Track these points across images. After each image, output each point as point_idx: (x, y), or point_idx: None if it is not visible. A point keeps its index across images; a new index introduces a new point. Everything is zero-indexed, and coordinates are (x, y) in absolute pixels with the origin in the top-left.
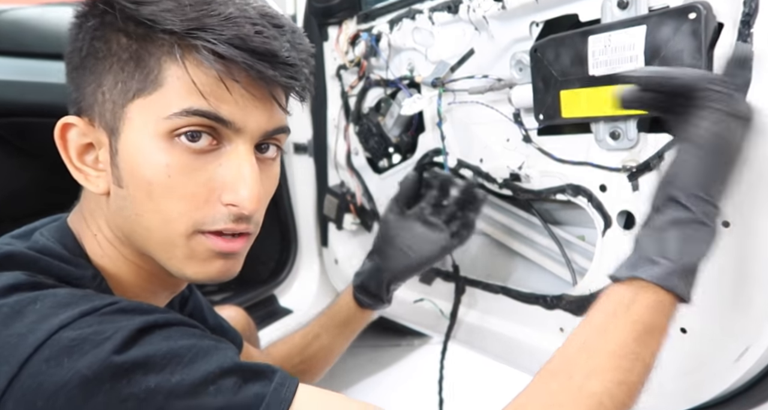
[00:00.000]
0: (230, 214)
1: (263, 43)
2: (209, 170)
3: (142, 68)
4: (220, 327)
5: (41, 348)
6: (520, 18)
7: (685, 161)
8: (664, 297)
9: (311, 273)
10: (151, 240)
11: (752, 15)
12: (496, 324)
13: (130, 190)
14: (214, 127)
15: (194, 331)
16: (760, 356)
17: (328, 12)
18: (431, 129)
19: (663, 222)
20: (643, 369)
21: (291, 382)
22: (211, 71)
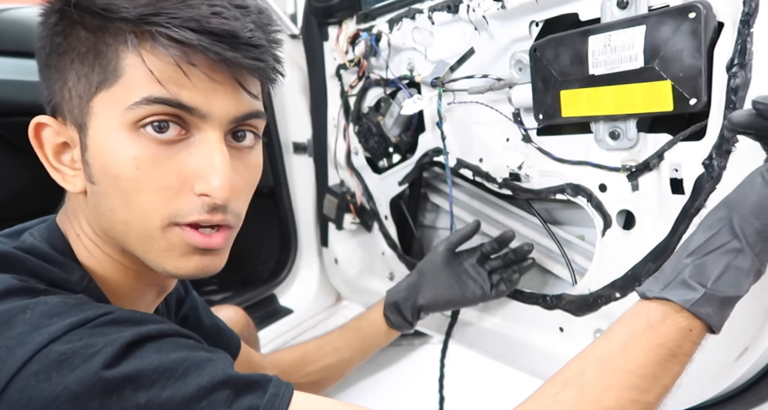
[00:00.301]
0: (204, 205)
1: (221, 24)
2: (179, 160)
3: (101, 60)
4: (216, 328)
5: (30, 363)
6: (520, 17)
7: (759, 193)
8: (695, 324)
9: (311, 273)
10: (128, 235)
11: (752, 14)
12: (496, 324)
13: (102, 185)
14: (179, 116)
15: (187, 342)
16: (760, 356)
17: (327, 11)
18: (431, 128)
19: (708, 247)
20: (662, 391)
21: (286, 391)
22: (168, 57)
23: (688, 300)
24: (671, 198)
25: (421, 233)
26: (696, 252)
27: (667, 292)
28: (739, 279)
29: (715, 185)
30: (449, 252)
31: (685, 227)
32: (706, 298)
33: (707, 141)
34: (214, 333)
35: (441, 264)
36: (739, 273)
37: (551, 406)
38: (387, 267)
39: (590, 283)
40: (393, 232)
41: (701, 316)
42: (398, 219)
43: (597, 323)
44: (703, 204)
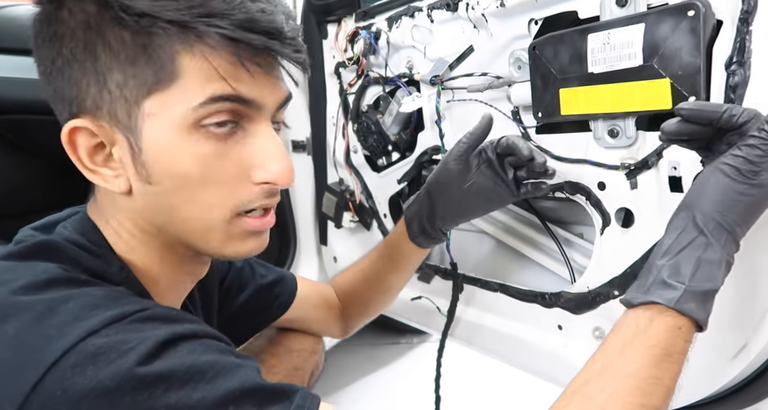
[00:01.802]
0: (263, 192)
1: (270, 22)
2: (236, 152)
3: (153, 62)
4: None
5: (68, 354)
6: (519, 15)
7: (714, 189)
8: (683, 322)
9: (310, 272)
10: (188, 229)
11: (751, 12)
12: (495, 322)
13: (164, 184)
14: (237, 111)
15: (218, 345)
16: (758, 353)
17: (326, 9)
18: (430, 127)
19: (678, 246)
20: (665, 393)
21: (312, 402)
22: (224, 55)
23: (671, 299)
24: (670, 196)
25: None
26: (668, 252)
27: (650, 295)
28: (713, 272)
29: None
30: (461, 160)
31: None
32: (687, 295)
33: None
34: (264, 290)
35: (454, 174)
36: (712, 267)
37: None
38: None
39: (589, 281)
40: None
41: (686, 312)
42: (397, 218)
43: (595, 321)
44: None
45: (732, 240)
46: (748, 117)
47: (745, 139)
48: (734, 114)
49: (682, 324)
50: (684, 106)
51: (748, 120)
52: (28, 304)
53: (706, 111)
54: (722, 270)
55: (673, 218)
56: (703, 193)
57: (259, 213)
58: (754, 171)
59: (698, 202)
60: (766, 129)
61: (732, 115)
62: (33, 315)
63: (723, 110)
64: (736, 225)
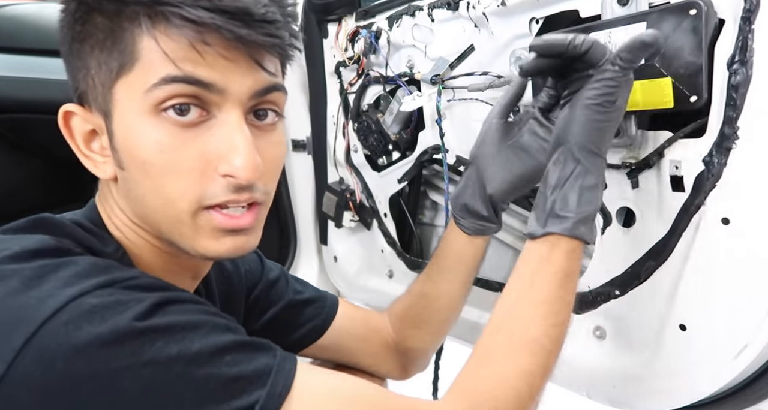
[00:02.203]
0: (229, 185)
1: (233, 2)
2: (202, 142)
3: (118, 45)
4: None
5: (61, 311)
6: (520, 14)
7: (582, 122)
8: (575, 245)
9: (310, 271)
10: (159, 219)
11: (753, 11)
12: None
13: (131, 171)
14: (198, 96)
15: (207, 309)
16: (759, 353)
17: (327, 9)
18: (430, 126)
19: (562, 178)
20: (568, 307)
21: (291, 357)
22: (182, 37)
23: (566, 228)
24: (671, 195)
25: (420, 231)
26: (556, 186)
27: (548, 227)
28: (593, 196)
29: (715, 182)
30: (502, 122)
31: (685, 224)
32: (576, 222)
33: (707, 138)
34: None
35: (497, 138)
36: (592, 191)
37: (492, 352)
38: (386, 264)
39: (589, 281)
40: (392, 230)
41: (578, 236)
42: (397, 217)
43: (596, 320)
44: (704, 201)
45: (602, 160)
46: (588, 45)
47: (601, 72)
48: (576, 43)
49: (575, 246)
50: (535, 41)
51: (590, 47)
52: (16, 270)
53: (554, 43)
54: (599, 191)
55: (551, 153)
56: (573, 127)
57: (236, 211)
58: (611, 100)
59: (570, 136)
60: (618, 63)
61: (575, 45)
62: (20, 280)
63: (567, 41)
64: (603, 147)
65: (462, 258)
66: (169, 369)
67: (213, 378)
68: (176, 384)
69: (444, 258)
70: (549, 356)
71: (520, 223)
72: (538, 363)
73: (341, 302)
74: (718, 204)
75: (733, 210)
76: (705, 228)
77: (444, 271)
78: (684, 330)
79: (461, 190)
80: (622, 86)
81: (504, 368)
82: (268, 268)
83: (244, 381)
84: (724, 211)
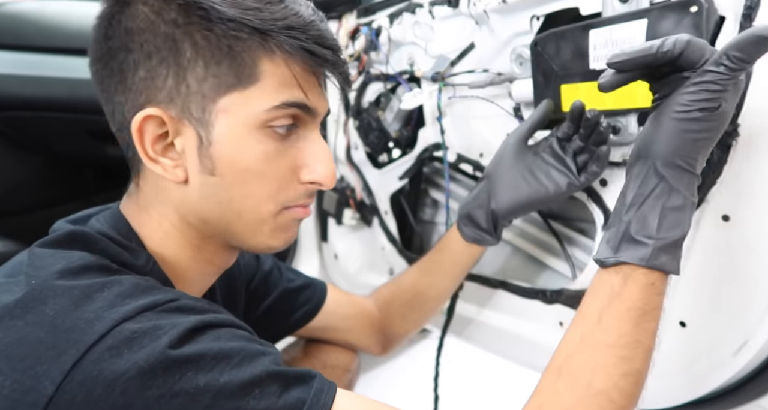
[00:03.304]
0: (307, 191)
1: (333, 41)
2: (290, 153)
3: (237, 64)
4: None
5: (105, 337)
6: (521, 12)
7: (671, 133)
8: (655, 277)
9: (311, 268)
10: (238, 222)
11: (754, 8)
12: (495, 319)
13: (225, 177)
14: (298, 116)
15: (243, 334)
16: (759, 349)
17: (327, 6)
18: (431, 123)
19: (640, 196)
20: (645, 353)
21: (330, 387)
22: (298, 65)
23: (642, 258)
24: None
25: (421, 228)
26: (632, 205)
27: (621, 255)
28: (679, 219)
29: (715, 179)
30: (520, 145)
31: None
32: (657, 249)
33: None
34: (290, 295)
35: (512, 159)
36: (677, 213)
37: (552, 399)
38: (387, 262)
39: (590, 278)
40: (393, 227)
41: (658, 267)
42: (398, 215)
43: None
44: (704, 198)
45: (694, 177)
46: (682, 45)
47: (701, 74)
48: (667, 48)
49: (655, 279)
50: (613, 57)
51: (683, 48)
52: (66, 289)
53: (638, 55)
54: (688, 213)
55: (631, 167)
56: (659, 137)
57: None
58: (712, 107)
59: (655, 147)
60: (726, 63)
61: (665, 51)
62: (71, 299)
63: (655, 48)
64: (697, 163)
65: (457, 260)
66: (197, 401)
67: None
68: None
69: (440, 257)
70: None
71: (520, 221)
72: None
73: (330, 287)
74: (718, 201)
75: (733, 207)
76: (705, 225)
77: (438, 269)
78: (684, 327)
79: (470, 199)
80: (729, 90)
81: None
82: (262, 260)
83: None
84: (725, 208)
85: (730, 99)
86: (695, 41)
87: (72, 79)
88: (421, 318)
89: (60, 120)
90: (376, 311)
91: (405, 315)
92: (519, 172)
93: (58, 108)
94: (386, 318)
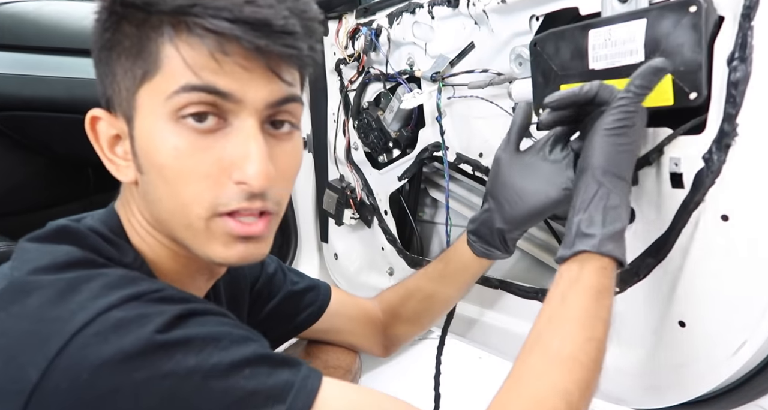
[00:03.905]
0: (242, 192)
1: (254, 13)
2: (217, 149)
3: (143, 53)
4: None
5: (90, 324)
6: (520, 12)
7: (602, 149)
8: (605, 262)
9: (311, 268)
10: (173, 223)
11: (753, 8)
12: (496, 319)
13: (149, 175)
14: (216, 104)
15: (228, 321)
16: (757, 350)
17: (327, 6)
18: (431, 123)
19: (585, 201)
20: (604, 325)
21: (316, 373)
22: (202, 47)
23: (593, 245)
24: (671, 192)
25: (421, 228)
26: (580, 209)
27: (575, 247)
28: (618, 215)
29: (714, 179)
30: (512, 156)
31: (684, 221)
32: (603, 239)
33: (707, 135)
34: (295, 297)
35: (507, 172)
36: (616, 210)
37: (528, 371)
38: (387, 262)
39: None
40: (393, 227)
41: (606, 253)
42: (398, 215)
43: None
44: (703, 198)
45: (625, 182)
46: (596, 87)
47: (617, 100)
48: (586, 89)
49: (606, 264)
50: (547, 99)
51: (597, 89)
52: (52, 282)
53: (565, 96)
54: (624, 210)
55: (577, 181)
56: (594, 152)
57: (249, 219)
58: (629, 125)
59: (592, 162)
60: (632, 90)
61: (585, 91)
62: (55, 291)
63: (577, 90)
64: (626, 171)
65: (467, 271)
66: (187, 382)
67: (230, 391)
68: (193, 396)
69: (449, 266)
70: (587, 372)
71: None
72: (576, 380)
73: (333, 289)
74: (717, 201)
75: (732, 207)
76: (704, 225)
77: (446, 279)
78: (683, 327)
79: (477, 216)
80: (638, 112)
81: (539, 387)
82: (266, 262)
83: (262, 395)
84: (724, 208)
85: (639, 120)
86: (604, 85)
87: (71, 78)
88: (426, 323)
89: (60, 120)
90: (380, 314)
91: (410, 320)
92: (516, 186)
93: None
94: (390, 322)
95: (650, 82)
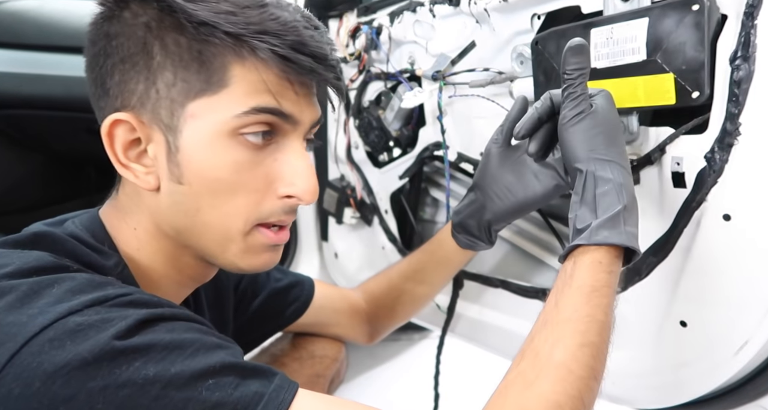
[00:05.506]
0: (285, 206)
1: (318, 48)
2: (266, 164)
3: (206, 68)
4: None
5: (47, 330)
6: (522, 10)
7: (573, 140)
8: (601, 255)
9: (311, 268)
10: (206, 235)
11: (756, 6)
12: (496, 318)
13: (193, 186)
14: (275, 124)
15: (200, 327)
16: (759, 349)
17: (328, 4)
18: (432, 122)
19: (578, 195)
20: (600, 327)
21: (291, 385)
22: (272, 71)
23: (584, 237)
24: (673, 191)
25: (422, 227)
26: (573, 207)
27: (571, 243)
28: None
29: (716, 179)
30: (503, 149)
31: (686, 221)
32: (596, 227)
33: (709, 134)
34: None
35: (497, 166)
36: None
37: (517, 378)
38: (387, 261)
39: None
40: (393, 227)
41: (600, 242)
42: (398, 214)
43: None
44: (705, 197)
45: (615, 164)
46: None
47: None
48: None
49: (602, 257)
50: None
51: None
52: (14, 286)
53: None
54: (616, 192)
55: (571, 182)
56: (568, 149)
57: (275, 228)
58: (584, 110)
59: (569, 156)
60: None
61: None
62: (17, 296)
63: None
64: (609, 152)
65: (450, 262)
66: (145, 392)
67: (192, 403)
68: (152, 407)
69: (432, 257)
70: (580, 382)
71: (521, 220)
72: (566, 391)
73: (317, 283)
74: (719, 200)
75: (734, 207)
76: (706, 224)
77: (430, 269)
78: (685, 327)
79: (461, 208)
80: (588, 93)
81: (527, 398)
82: None
83: (227, 407)
84: (726, 208)
85: (599, 100)
86: (554, 91)
87: (70, 77)
88: (410, 312)
89: (59, 118)
90: (363, 303)
91: (393, 309)
92: (506, 179)
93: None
94: (374, 311)
95: (576, 63)
